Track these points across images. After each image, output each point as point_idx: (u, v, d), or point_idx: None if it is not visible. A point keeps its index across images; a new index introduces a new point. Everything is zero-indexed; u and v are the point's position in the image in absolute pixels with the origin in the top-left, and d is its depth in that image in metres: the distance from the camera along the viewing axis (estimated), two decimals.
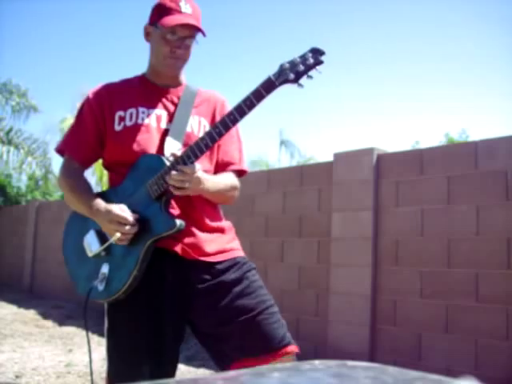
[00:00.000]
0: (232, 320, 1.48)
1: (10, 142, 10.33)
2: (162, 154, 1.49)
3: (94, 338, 4.95)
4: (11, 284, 9.24)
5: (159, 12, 1.51)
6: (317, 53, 1.33)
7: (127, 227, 1.43)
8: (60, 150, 1.65)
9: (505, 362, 2.93)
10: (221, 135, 1.41)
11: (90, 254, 1.53)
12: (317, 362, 0.58)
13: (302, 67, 1.33)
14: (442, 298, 3.23)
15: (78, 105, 1.75)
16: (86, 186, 1.60)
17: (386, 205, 3.63)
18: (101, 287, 1.49)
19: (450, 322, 3.18)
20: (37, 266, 8.68)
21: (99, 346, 4.64)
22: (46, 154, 10.73)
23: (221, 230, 1.61)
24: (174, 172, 1.39)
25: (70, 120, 11.13)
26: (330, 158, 4.07)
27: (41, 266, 8.55)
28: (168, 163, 1.44)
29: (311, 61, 1.32)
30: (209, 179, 1.49)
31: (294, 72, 1.33)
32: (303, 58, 1.33)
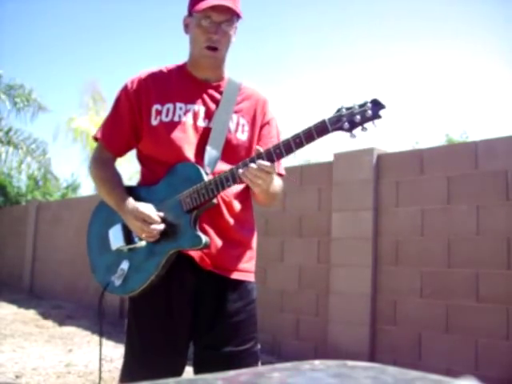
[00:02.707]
0: (217, 347, 1.49)
1: (9, 142, 10.32)
2: (202, 165, 1.47)
3: (94, 338, 4.96)
4: (11, 284, 9.24)
5: (194, 0, 1.49)
6: (377, 105, 1.25)
7: (152, 226, 1.43)
8: (96, 137, 1.63)
9: (505, 362, 2.93)
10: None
11: (113, 247, 1.55)
12: (317, 362, 0.58)
13: (358, 118, 1.25)
14: (442, 298, 3.23)
15: (87, 101, 1.73)
16: (116, 178, 1.59)
17: (386, 205, 3.63)
18: (118, 283, 1.51)
19: (450, 322, 3.18)
20: (37, 265, 8.68)
21: (99, 346, 4.64)
22: (45, 154, 10.69)
23: (244, 243, 1.61)
24: (252, 165, 1.33)
25: (77, 119, 11.08)
26: (330, 158, 4.07)
27: (41, 266, 8.55)
28: (206, 178, 1.42)
29: (369, 113, 1.24)
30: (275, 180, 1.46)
31: (349, 121, 1.26)
32: (362, 108, 1.26)
